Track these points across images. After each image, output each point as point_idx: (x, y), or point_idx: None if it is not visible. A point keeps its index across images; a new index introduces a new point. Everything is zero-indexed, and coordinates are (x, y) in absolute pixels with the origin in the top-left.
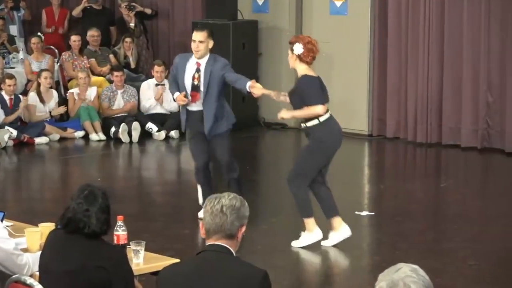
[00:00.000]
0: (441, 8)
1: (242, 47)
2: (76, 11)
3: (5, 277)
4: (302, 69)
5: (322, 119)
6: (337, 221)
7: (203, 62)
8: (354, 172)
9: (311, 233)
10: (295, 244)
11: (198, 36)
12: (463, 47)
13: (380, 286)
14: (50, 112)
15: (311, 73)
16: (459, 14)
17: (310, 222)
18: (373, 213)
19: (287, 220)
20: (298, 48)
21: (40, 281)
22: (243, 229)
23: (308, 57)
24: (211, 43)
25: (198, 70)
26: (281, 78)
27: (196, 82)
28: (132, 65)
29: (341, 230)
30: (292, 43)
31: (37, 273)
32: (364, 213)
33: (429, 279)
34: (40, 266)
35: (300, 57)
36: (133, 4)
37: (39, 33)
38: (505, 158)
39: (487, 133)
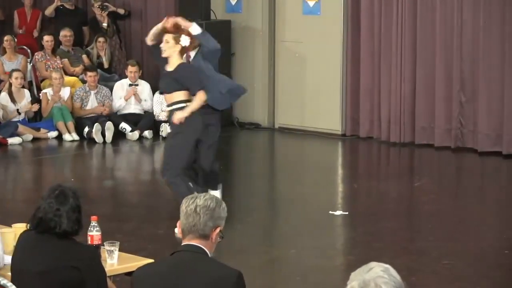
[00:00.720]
0: (414, 8)
1: None
2: (49, 11)
3: None
4: (178, 59)
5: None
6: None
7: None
8: (327, 171)
9: None
10: None
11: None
12: (436, 47)
13: (351, 286)
14: (18, 110)
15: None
16: (431, 14)
17: None
18: (347, 213)
19: (261, 220)
20: (186, 40)
21: (12, 282)
22: (218, 230)
23: (190, 49)
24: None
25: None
26: (254, 77)
27: None
28: (105, 65)
29: None
30: (176, 34)
31: (9, 274)
32: (338, 212)
33: (401, 278)
34: (12, 267)
35: (183, 49)
36: (106, 4)
37: (11, 34)
38: (478, 158)
39: (460, 132)
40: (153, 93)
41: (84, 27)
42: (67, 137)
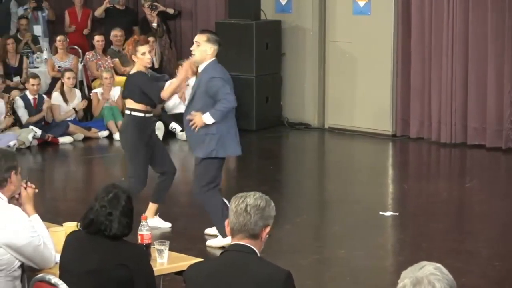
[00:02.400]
0: (465, 7)
1: (265, 47)
2: (99, 12)
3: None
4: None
5: None
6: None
7: (201, 69)
8: (378, 172)
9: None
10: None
11: (196, 37)
12: (488, 47)
13: (404, 284)
14: (74, 108)
15: None
16: (483, 14)
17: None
18: (397, 214)
19: (311, 220)
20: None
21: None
22: (268, 229)
23: None
24: (209, 49)
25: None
26: (304, 78)
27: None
28: (156, 65)
29: None
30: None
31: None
32: (388, 213)
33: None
34: (61, 266)
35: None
36: (156, 4)
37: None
38: None
39: None
40: None
41: (134, 27)
42: (117, 136)
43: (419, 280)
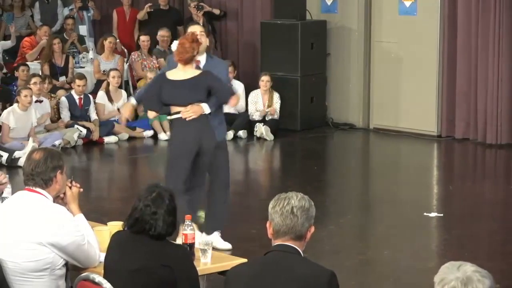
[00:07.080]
0: None
1: (310, 47)
2: (141, 15)
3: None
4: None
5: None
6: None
7: (202, 59)
8: (423, 173)
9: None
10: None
11: (196, 27)
12: None
13: (452, 285)
14: (118, 109)
15: (174, 72)
16: None
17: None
18: (441, 215)
19: (355, 221)
20: (174, 45)
21: None
22: (312, 229)
23: (177, 56)
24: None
25: (198, 68)
26: (349, 78)
27: None
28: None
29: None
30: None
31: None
32: (433, 214)
33: (495, 282)
34: (105, 265)
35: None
36: (202, 4)
37: (113, 34)
38: None
39: None
40: (247, 93)
41: (179, 27)
42: (162, 136)
43: (470, 278)
